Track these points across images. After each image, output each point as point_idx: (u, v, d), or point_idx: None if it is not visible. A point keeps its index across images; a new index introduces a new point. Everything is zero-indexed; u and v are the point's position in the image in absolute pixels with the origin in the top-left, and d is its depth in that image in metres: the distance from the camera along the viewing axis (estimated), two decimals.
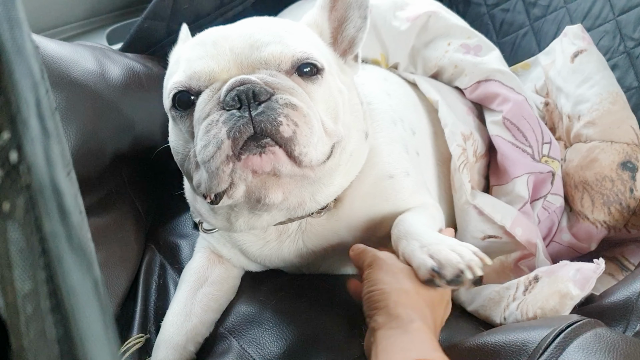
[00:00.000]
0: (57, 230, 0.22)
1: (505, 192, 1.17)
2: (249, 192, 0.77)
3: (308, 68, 0.79)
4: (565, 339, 0.74)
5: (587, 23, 1.40)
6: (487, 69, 1.22)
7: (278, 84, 0.74)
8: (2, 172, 0.24)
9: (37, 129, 0.24)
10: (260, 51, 0.77)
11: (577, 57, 1.29)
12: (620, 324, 0.87)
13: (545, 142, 1.18)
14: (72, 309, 0.21)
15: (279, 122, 0.71)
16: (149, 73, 1.27)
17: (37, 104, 0.25)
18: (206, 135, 0.73)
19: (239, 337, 0.96)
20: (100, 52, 1.21)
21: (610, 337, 0.73)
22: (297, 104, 0.74)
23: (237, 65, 0.77)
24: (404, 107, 1.10)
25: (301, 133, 0.73)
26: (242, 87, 0.73)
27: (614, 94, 1.23)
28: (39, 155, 0.23)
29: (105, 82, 1.14)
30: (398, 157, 0.98)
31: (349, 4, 0.90)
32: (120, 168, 1.21)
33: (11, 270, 0.27)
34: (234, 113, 0.72)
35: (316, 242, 0.96)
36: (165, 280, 1.12)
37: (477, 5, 1.62)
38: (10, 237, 0.26)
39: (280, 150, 0.72)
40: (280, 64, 0.77)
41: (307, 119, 0.74)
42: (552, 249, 1.20)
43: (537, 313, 0.92)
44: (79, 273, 0.22)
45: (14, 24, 0.27)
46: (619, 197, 1.16)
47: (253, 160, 0.72)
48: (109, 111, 1.13)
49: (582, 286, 0.90)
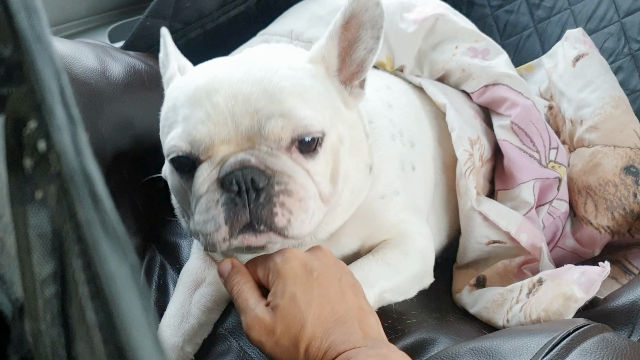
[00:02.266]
0: (91, 217, 0.22)
1: (511, 197, 1.16)
2: None
3: (309, 139, 0.78)
4: (570, 343, 0.73)
5: (592, 25, 1.41)
6: (495, 72, 1.21)
7: (276, 166, 0.76)
8: (32, 161, 0.24)
9: (63, 116, 0.24)
10: (261, 126, 0.75)
11: (578, 61, 1.29)
12: (626, 328, 0.87)
13: (553, 147, 1.18)
14: (111, 295, 0.21)
15: (274, 214, 0.74)
16: (151, 71, 1.26)
17: (61, 91, 0.25)
18: (205, 214, 0.76)
19: (238, 337, 0.95)
20: (101, 49, 1.21)
21: (617, 342, 0.72)
22: (293, 190, 0.76)
23: (236, 137, 0.76)
24: (406, 118, 1.08)
25: (295, 219, 0.76)
26: (241, 171, 0.74)
27: (616, 98, 1.23)
28: (67, 143, 0.23)
29: (106, 79, 1.13)
30: (392, 176, 0.98)
31: (362, 23, 0.84)
32: (121, 167, 1.20)
33: (30, 254, 0.27)
34: (232, 199, 0.75)
35: None
36: (165, 280, 1.12)
37: (481, 7, 1.62)
38: (30, 222, 0.26)
39: (274, 234, 0.76)
40: (280, 140, 0.76)
41: (302, 203, 0.76)
42: (556, 255, 1.19)
43: (541, 315, 0.91)
44: (116, 258, 0.22)
45: (31, 12, 0.27)
46: (623, 201, 1.16)
47: (248, 239, 0.76)
48: (110, 109, 1.12)
49: (587, 289, 0.90)
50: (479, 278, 1.10)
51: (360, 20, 0.84)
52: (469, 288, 1.08)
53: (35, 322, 0.27)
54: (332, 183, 0.83)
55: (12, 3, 0.26)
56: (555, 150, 1.18)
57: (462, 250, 1.14)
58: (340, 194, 0.85)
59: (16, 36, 0.26)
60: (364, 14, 0.83)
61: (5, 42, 0.26)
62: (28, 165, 0.24)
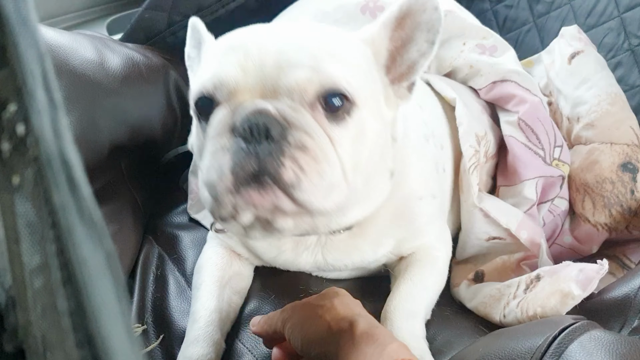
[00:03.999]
0: (67, 202, 0.22)
1: (513, 194, 1.16)
2: (257, 217, 0.74)
3: (338, 100, 0.72)
4: (561, 345, 0.72)
5: (591, 20, 1.40)
6: (504, 69, 1.21)
7: (295, 120, 0.70)
8: (10, 145, 0.24)
9: (44, 100, 0.24)
10: (287, 75, 0.70)
11: (574, 59, 1.28)
12: (618, 321, 0.87)
13: (557, 145, 1.18)
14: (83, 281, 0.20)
15: (281, 164, 0.67)
16: (149, 63, 1.26)
17: (44, 75, 0.24)
18: (212, 159, 0.71)
19: (237, 331, 0.95)
20: (99, 41, 1.20)
21: (606, 338, 0.72)
22: (309, 146, 0.69)
23: (262, 86, 0.71)
24: (435, 119, 1.07)
25: (306, 179, 0.68)
26: (257, 117, 0.69)
27: (612, 95, 1.22)
28: (46, 127, 0.23)
29: (104, 71, 1.13)
30: (428, 177, 0.96)
31: (418, 24, 0.80)
32: (119, 159, 1.20)
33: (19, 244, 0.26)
34: (241, 146, 0.69)
35: (337, 257, 0.95)
36: (164, 271, 1.11)
37: (481, 1, 1.62)
38: (17, 210, 0.26)
39: (280, 192, 0.69)
40: (304, 93, 0.71)
41: (318, 165, 0.69)
42: (554, 251, 1.19)
43: (538, 312, 0.91)
44: (90, 245, 0.21)
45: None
46: (620, 198, 1.16)
47: (253, 196, 0.69)
48: (108, 101, 1.12)
49: (584, 286, 0.89)
50: (478, 273, 1.10)
51: (416, 20, 0.80)
52: (467, 282, 1.08)
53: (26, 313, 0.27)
54: (353, 168, 0.75)
55: None
56: (559, 148, 1.18)
57: (461, 245, 1.14)
58: (356, 185, 0.77)
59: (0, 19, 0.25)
60: (421, 15, 0.79)
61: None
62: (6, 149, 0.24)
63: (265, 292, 1.01)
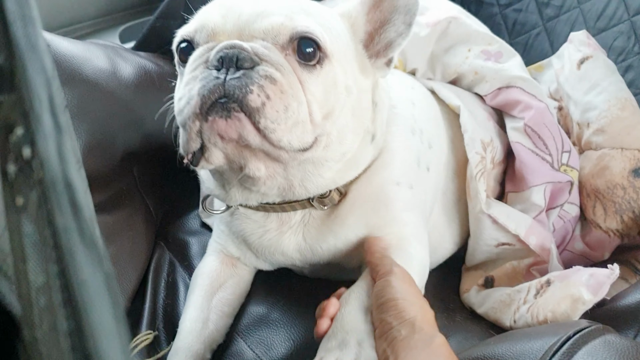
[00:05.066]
0: (69, 225, 0.22)
1: (521, 200, 1.16)
2: (228, 160, 0.77)
3: (310, 48, 0.76)
4: (573, 346, 0.72)
5: (601, 23, 1.39)
6: (509, 75, 1.21)
7: (267, 56, 0.73)
8: (16, 167, 0.24)
9: (50, 124, 0.24)
10: (263, 20, 0.75)
11: (583, 64, 1.28)
12: (632, 328, 0.86)
13: (565, 150, 1.17)
14: (83, 303, 0.21)
15: (249, 90, 0.70)
16: (161, 72, 1.28)
17: (50, 100, 0.25)
18: (184, 89, 0.74)
19: (246, 338, 0.96)
20: (112, 50, 1.22)
21: (620, 343, 0.72)
22: (278, 79, 0.72)
23: (239, 30, 0.76)
24: (426, 119, 1.07)
25: (271, 107, 0.71)
26: (230, 50, 0.72)
27: (622, 100, 1.21)
28: (51, 151, 0.23)
29: (117, 80, 1.14)
30: (408, 168, 0.97)
31: (396, 7, 0.86)
32: (131, 166, 1.21)
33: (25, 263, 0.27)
34: (212, 73, 0.72)
35: (314, 237, 0.94)
36: (175, 277, 1.13)
37: (490, 6, 1.62)
38: (24, 230, 0.27)
39: (246, 119, 0.71)
40: (277, 35, 0.75)
41: (284, 96, 0.72)
42: (565, 258, 1.18)
43: (548, 317, 0.91)
44: (91, 267, 0.22)
45: (27, 22, 0.27)
46: (631, 204, 1.15)
47: (219, 123, 0.71)
48: (120, 109, 1.14)
49: (595, 291, 0.89)
50: (487, 278, 1.10)
51: (394, 4, 0.85)
52: (477, 288, 1.08)
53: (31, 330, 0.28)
54: (322, 115, 0.78)
55: (9, 12, 0.27)
56: (567, 153, 1.17)
57: (471, 251, 1.14)
58: (327, 137, 0.80)
59: (10, 44, 0.26)
60: (399, 0, 0.85)
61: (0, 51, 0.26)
62: (11, 170, 0.25)
63: (274, 298, 1.02)
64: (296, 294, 1.01)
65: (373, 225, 0.94)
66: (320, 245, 0.94)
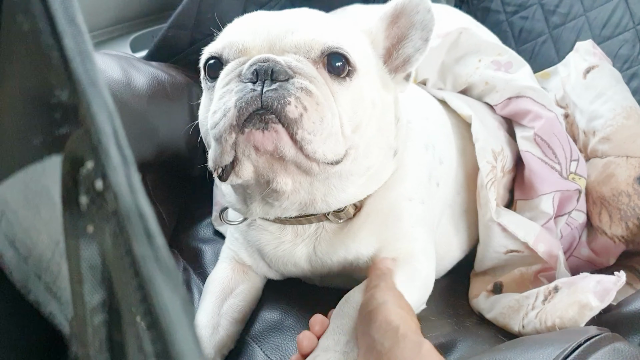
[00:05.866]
0: (146, 253, 0.24)
1: (530, 208, 1.17)
2: (257, 174, 0.78)
3: (340, 62, 0.78)
4: (582, 354, 0.74)
5: (607, 31, 1.41)
6: (519, 85, 1.22)
7: (300, 69, 0.75)
8: (87, 198, 0.26)
9: (118, 157, 0.26)
10: (294, 35, 0.77)
11: (589, 73, 1.29)
12: (638, 334, 0.88)
13: (574, 159, 1.19)
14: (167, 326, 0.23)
15: (287, 102, 0.71)
16: (173, 82, 1.29)
17: (115, 133, 0.27)
18: (218, 102, 0.75)
19: (261, 343, 0.98)
20: (125, 61, 1.24)
21: (628, 351, 0.73)
22: (313, 91, 0.73)
23: (269, 45, 0.77)
24: (439, 134, 1.09)
25: (308, 118, 0.72)
26: (264, 64, 0.73)
27: (627, 109, 1.23)
28: (122, 183, 0.25)
29: (130, 91, 1.16)
30: (420, 184, 0.99)
31: (413, 23, 0.87)
32: (144, 175, 1.23)
33: (81, 285, 0.29)
34: (247, 85, 0.73)
35: (324, 250, 0.96)
36: (189, 285, 1.14)
37: (496, 13, 1.63)
38: (82, 254, 0.29)
39: (283, 130, 0.72)
40: (309, 50, 0.77)
41: (320, 108, 0.73)
42: (571, 264, 1.20)
43: (556, 322, 0.92)
44: (169, 292, 0.24)
45: (85, 57, 0.29)
46: (637, 211, 1.16)
47: (255, 135, 0.72)
48: (134, 119, 1.15)
49: (602, 298, 0.90)
50: (496, 284, 1.11)
51: (410, 20, 0.87)
52: (486, 294, 1.09)
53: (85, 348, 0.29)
54: (351, 129, 0.80)
55: (68, 49, 0.29)
56: (576, 162, 1.19)
57: (479, 258, 1.15)
58: (356, 150, 0.82)
59: (72, 80, 0.28)
60: (415, 15, 0.87)
61: (62, 86, 0.28)
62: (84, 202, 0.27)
63: (287, 305, 1.03)
64: (309, 300, 1.03)
65: (384, 239, 0.96)
66: (331, 257, 0.96)
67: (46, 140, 0.31)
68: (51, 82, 0.31)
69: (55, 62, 0.31)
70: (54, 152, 0.30)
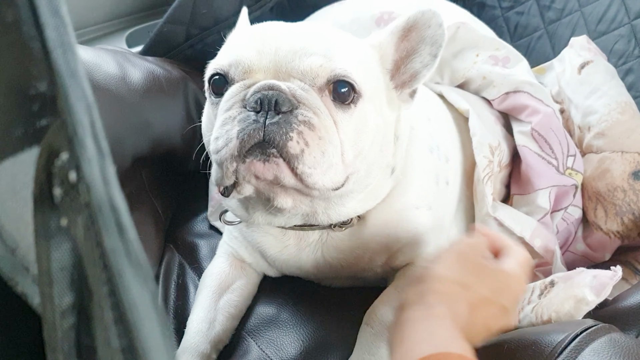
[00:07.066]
0: (116, 246, 0.24)
1: (527, 202, 1.17)
2: (258, 192, 0.79)
3: (345, 88, 0.77)
4: (580, 344, 0.74)
5: (602, 27, 1.41)
6: (516, 80, 1.22)
7: (305, 99, 0.74)
8: (61, 190, 0.26)
9: (93, 149, 0.26)
10: (301, 60, 0.75)
11: (583, 69, 1.29)
12: (634, 328, 0.88)
13: (570, 154, 1.19)
14: (134, 321, 0.23)
15: (289, 137, 0.71)
16: (169, 76, 1.29)
17: (92, 125, 0.27)
18: (221, 129, 0.75)
19: (257, 338, 0.98)
20: (121, 55, 1.23)
21: (624, 342, 0.74)
22: (316, 124, 0.73)
23: (275, 68, 0.76)
24: (442, 132, 1.09)
25: (310, 154, 0.72)
26: (268, 92, 0.73)
27: (622, 104, 1.23)
28: (96, 175, 0.25)
29: (126, 85, 1.16)
30: (427, 190, 0.98)
31: (423, 38, 0.85)
32: (140, 170, 1.23)
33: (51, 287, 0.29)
34: (250, 115, 0.72)
35: (334, 256, 0.96)
36: (184, 279, 1.14)
37: (492, 8, 1.63)
38: (52, 256, 0.29)
39: (284, 164, 0.72)
40: (316, 77, 0.75)
41: (322, 142, 0.73)
42: (567, 259, 1.20)
43: (552, 317, 0.92)
44: (138, 286, 0.23)
45: (66, 49, 0.29)
46: (632, 206, 1.16)
47: (256, 165, 0.72)
48: (129, 114, 1.15)
49: (598, 292, 0.90)
50: None
51: (421, 34, 0.85)
52: None
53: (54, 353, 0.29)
54: (354, 154, 0.79)
55: (49, 40, 0.28)
56: (572, 157, 1.19)
57: None
58: (357, 174, 0.82)
59: (52, 72, 0.28)
60: (426, 30, 0.84)
61: (42, 78, 0.28)
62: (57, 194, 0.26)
63: (283, 299, 1.04)
64: (305, 295, 1.03)
65: (396, 249, 0.97)
66: (341, 264, 0.97)
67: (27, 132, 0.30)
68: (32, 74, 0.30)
69: (37, 54, 0.30)
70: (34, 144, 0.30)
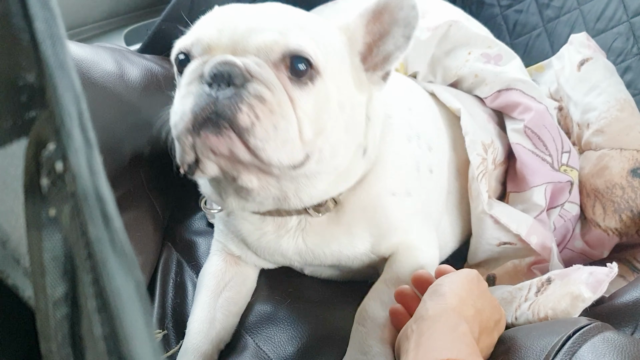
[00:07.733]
0: (101, 235, 0.24)
1: (523, 200, 1.18)
2: (223, 172, 0.79)
3: (302, 65, 0.76)
4: (574, 344, 0.74)
5: (601, 25, 1.41)
6: (508, 78, 1.22)
7: (258, 74, 0.74)
8: (49, 181, 0.26)
9: (80, 140, 0.26)
10: (257, 36, 0.76)
11: (583, 66, 1.29)
12: (630, 325, 0.88)
13: (565, 151, 1.19)
14: (117, 309, 0.23)
15: (238, 109, 0.71)
16: (167, 74, 1.29)
17: (79, 116, 0.27)
18: (178, 104, 0.76)
19: (254, 335, 0.98)
20: (119, 53, 1.23)
21: (618, 340, 0.74)
22: (267, 98, 0.73)
23: (233, 45, 0.76)
24: (424, 122, 1.08)
25: (260, 127, 0.72)
26: (223, 67, 0.73)
27: (621, 101, 1.23)
28: (82, 165, 0.25)
29: (124, 83, 1.16)
30: (405, 176, 0.98)
31: (395, 20, 0.84)
32: (138, 168, 1.23)
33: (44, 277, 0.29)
34: (204, 89, 0.73)
35: (316, 242, 0.96)
36: (183, 277, 1.14)
37: (491, 6, 1.63)
38: (44, 246, 0.29)
39: (235, 137, 0.72)
40: (270, 52, 0.75)
41: (274, 116, 0.73)
42: (565, 256, 1.21)
43: (549, 314, 0.92)
44: (122, 275, 0.24)
45: (55, 40, 0.29)
46: (630, 204, 1.17)
47: (210, 138, 0.73)
48: (127, 112, 1.15)
49: (595, 289, 0.90)
50: (489, 276, 1.12)
51: (394, 16, 0.84)
52: None
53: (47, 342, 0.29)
54: (314, 132, 0.79)
55: (38, 31, 0.29)
56: (567, 153, 1.19)
57: (473, 250, 1.16)
58: (320, 153, 0.81)
59: (40, 63, 0.28)
60: (399, 12, 0.84)
61: (30, 69, 0.28)
62: (45, 184, 0.27)
63: (280, 297, 1.04)
64: (302, 292, 1.03)
65: (377, 234, 0.97)
66: (323, 250, 0.97)
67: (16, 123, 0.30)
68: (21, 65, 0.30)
69: (26, 45, 0.31)
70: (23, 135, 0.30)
